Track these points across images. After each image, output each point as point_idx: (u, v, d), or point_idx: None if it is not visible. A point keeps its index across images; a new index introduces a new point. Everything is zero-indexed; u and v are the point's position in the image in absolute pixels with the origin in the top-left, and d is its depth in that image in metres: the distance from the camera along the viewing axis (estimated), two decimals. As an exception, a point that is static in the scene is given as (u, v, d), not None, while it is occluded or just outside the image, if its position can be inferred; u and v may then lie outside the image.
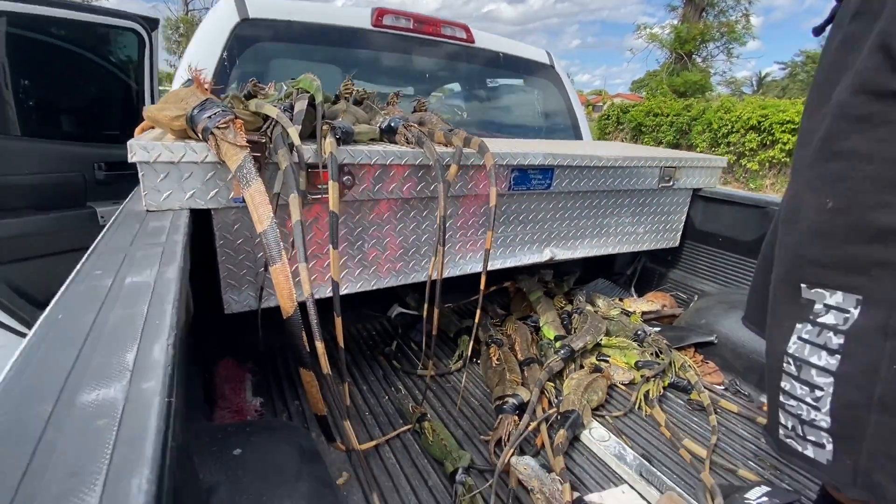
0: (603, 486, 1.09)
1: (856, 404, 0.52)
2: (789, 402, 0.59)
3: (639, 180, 1.63)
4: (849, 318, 0.53)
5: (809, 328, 0.56)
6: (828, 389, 0.54)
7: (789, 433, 0.60)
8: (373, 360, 1.59)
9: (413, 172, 1.16)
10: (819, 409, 0.55)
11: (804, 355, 0.57)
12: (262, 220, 0.78)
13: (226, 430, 0.87)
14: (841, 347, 0.53)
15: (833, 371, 0.54)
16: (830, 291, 0.55)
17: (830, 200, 0.55)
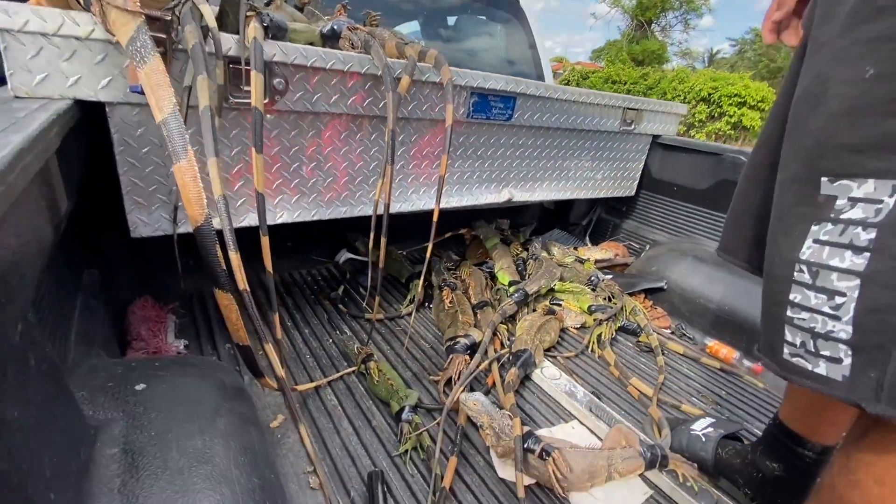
0: (553, 423, 1.07)
1: (887, 307, 0.47)
2: (800, 315, 0.54)
3: (601, 120, 1.56)
4: (881, 209, 0.47)
5: (829, 227, 0.50)
6: (851, 294, 0.49)
7: (797, 350, 0.54)
8: (317, 304, 1.47)
9: (359, 84, 1.02)
10: (839, 317, 0.50)
11: (822, 259, 0.51)
12: (162, 107, 0.62)
13: (129, 365, 0.74)
14: (871, 243, 0.48)
15: (860, 272, 0.48)
16: (859, 181, 0.48)
17: (871, 67, 0.48)
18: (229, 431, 0.65)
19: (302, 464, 0.87)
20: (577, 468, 0.85)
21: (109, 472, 0.53)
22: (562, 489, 0.84)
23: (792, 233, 0.54)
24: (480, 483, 0.88)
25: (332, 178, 1.10)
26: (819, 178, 0.52)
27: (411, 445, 0.92)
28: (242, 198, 0.99)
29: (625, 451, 0.91)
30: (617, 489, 0.89)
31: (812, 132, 0.54)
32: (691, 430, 1.00)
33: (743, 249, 0.79)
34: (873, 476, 0.54)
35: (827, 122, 0.52)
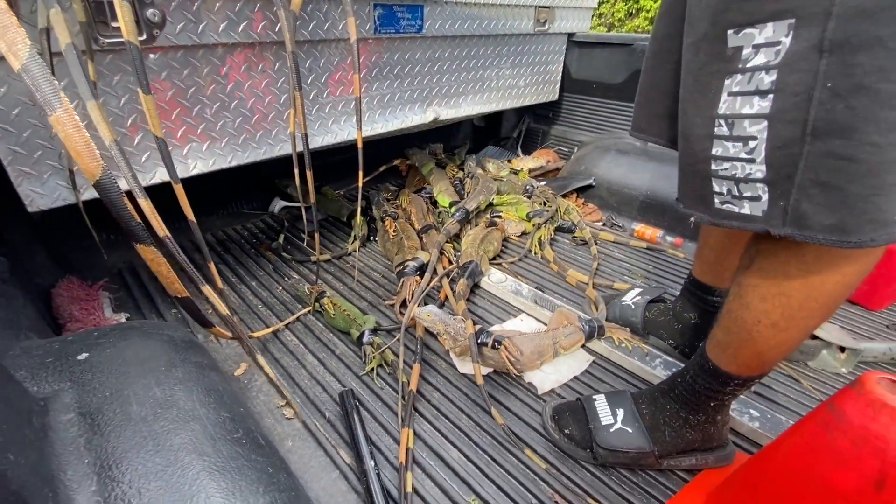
0: (503, 320, 1.16)
1: (790, 140, 0.50)
2: (722, 166, 0.57)
3: (515, 22, 1.53)
4: (780, 49, 0.48)
5: (739, 77, 0.52)
6: (761, 136, 0.52)
7: (725, 198, 0.58)
8: (259, 257, 1.44)
9: (248, 7, 0.93)
10: (754, 159, 0.53)
11: (735, 109, 0.53)
12: (16, 51, 0.55)
13: (65, 340, 0.71)
14: (773, 84, 0.50)
15: (766, 114, 0.51)
16: (760, 27, 0.50)
17: None
18: (187, 378, 0.66)
19: (274, 400, 0.91)
20: (527, 350, 0.94)
21: (71, 434, 0.54)
22: (516, 371, 0.94)
23: (708, 91, 0.56)
24: (444, 381, 0.96)
25: (241, 117, 1.03)
26: (726, 31, 0.53)
27: (376, 363, 0.98)
28: (146, 152, 0.92)
29: (566, 329, 1.01)
30: (564, 361, 1.00)
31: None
32: (622, 301, 1.13)
33: (655, 125, 0.82)
34: (759, 296, 0.65)
35: None
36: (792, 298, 0.61)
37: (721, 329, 0.72)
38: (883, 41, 0.43)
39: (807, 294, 0.60)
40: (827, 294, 0.59)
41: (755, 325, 0.65)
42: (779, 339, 0.65)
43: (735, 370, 0.71)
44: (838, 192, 0.48)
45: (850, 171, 0.47)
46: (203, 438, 0.56)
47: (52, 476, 0.47)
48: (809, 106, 0.48)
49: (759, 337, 0.65)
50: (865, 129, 0.46)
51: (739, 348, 0.69)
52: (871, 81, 0.44)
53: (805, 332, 0.64)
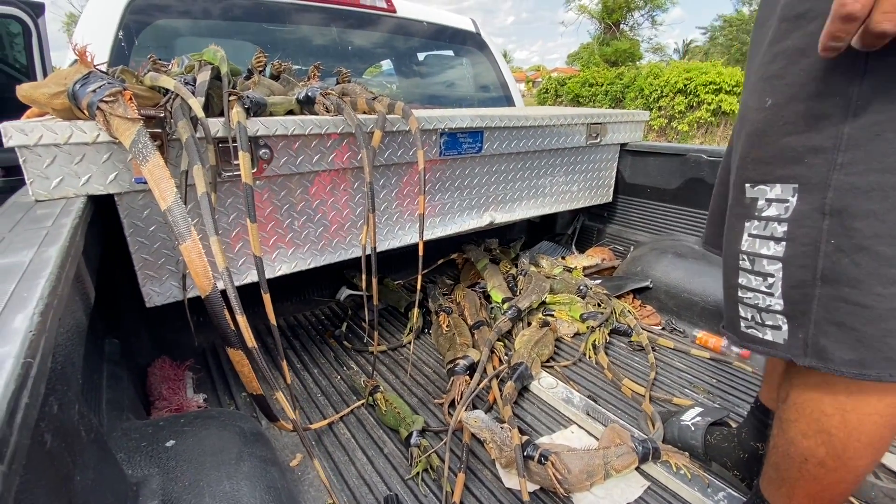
0: (554, 430, 1.14)
1: (803, 282, 0.57)
2: (746, 295, 0.64)
3: (567, 138, 1.66)
4: (789, 207, 0.58)
5: (756, 223, 0.61)
6: (778, 275, 0.59)
7: (749, 323, 0.65)
8: (323, 343, 1.56)
9: (337, 142, 1.13)
10: (773, 294, 0.60)
11: (755, 249, 0.62)
12: (165, 197, 0.72)
13: (157, 424, 0.82)
14: (785, 234, 0.58)
15: (780, 257, 0.59)
16: (770, 185, 0.59)
17: (770, 98, 0.59)
18: (253, 473, 0.73)
19: (323, 496, 0.94)
20: (575, 469, 0.92)
21: (153, 522, 0.61)
22: (563, 490, 0.91)
23: (734, 229, 0.65)
24: (489, 495, 0.95)
25: (322, 227, 1.20)
26: (744, 184, 0.63)
27: (422, 468, 1.00)
28: (243, 257, 1.09)
29: (619, 449, 0.98)
30: (616, 485, 0.96)
31: (739, 148, 0.66)
32: (681, 421, 1.07)
33: None
34: (800, 432, 0.64)
35: (745, 141, 0.64)
36: (833, 437, 0.61)
37: (771, 466, 0.70)
38: (876, 214, 0.51)
39: (847, 433, 0.60)
40: (869, 433, 0.59)
41: (803, 464, 0.65)
42: (831, 480, 0.63)
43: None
44: (853, 332, 0.54)
45: (862, 315, 0.53)
46: (261, 539, 0.61)
47: (135, 564, 0.54)
48: (817, 256, 0.56)
49: (809, 476, 0.64)
50: (870, 281, 0.52)
51: (793, 488, 0.67)
52: (870, 244, 0.52)
53: (857, 474, 0.62)
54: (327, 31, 2.03)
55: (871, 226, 0.51)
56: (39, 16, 1.98)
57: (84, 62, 0.86)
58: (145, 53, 1.54)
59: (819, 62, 0.53)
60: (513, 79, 2.49)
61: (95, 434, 0.56)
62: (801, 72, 0.55)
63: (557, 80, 14.69)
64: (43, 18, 1.99)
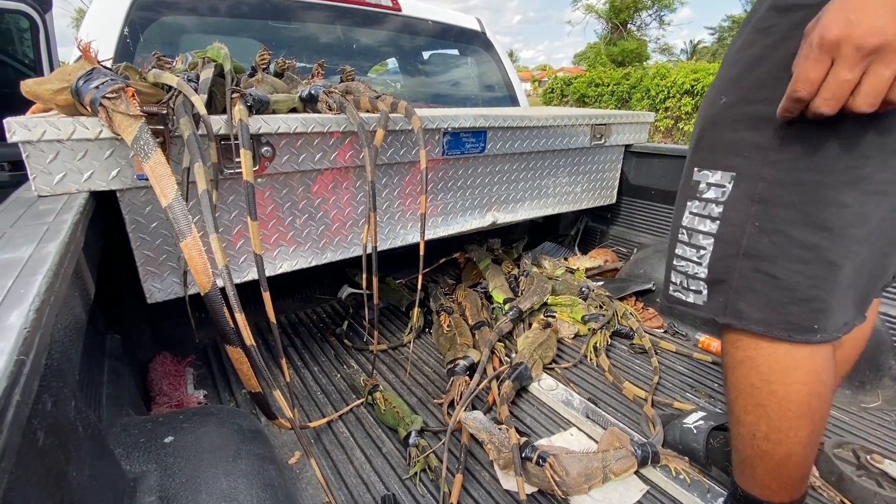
0: (553, 432, 1.13)
1: (727, 256, 0.67)
2: (680, 263, 0.74)
3: (571, 139, 1.66)
4: (725, 192, 0.67)
5: (697, 203, 0.70)
6: (709, 248, 0.69)
7: (677, 287, 0.75)
8: (323, 341, 1.56)
9: (339, 141, 1.12)
10: (700, 263, 0.70)
11: (694, 225, 0.71)
12: (167, 194, 0.72)
13: (156, 420, 0.82)
14: (720, 215, 0.68)
15: (713, 233, 0.69)
16: (713, 171, 0.68)
17: (724, 97, 0.67)
18: (250, 471, 0.73)
19: (321, 495, 0.94)
20: (574, 471, 0.91)
21: (150, 518, 0.61)
22: (561, 493, 0.91)
23: (679, 206, 0.74)
24: (487, 496, 0.95)
25: (324, 226, 1.20)
26: (693, 167, 0.72)
27: (420, 468, 0.99)
28: (244, 255, 1.09)
29: (618, 452, 0.97)
30: (614, 488, 0.95)
31: (693, 135, 0.74)
32: (683, 424, 1.07)
33: None
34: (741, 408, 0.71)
35: (698, 129, 0.72)
36: (768, 409, 0.67)
37: (735, 451, 0.75)
38: (794, 204, 0.61)
39: (778, 403, 0.66)
40: (798, 402, 0.65)
41: (752, 440, 0.70)
42: (781, 453, 0.67)
43: (760, 494, 0.72)
44: (765, 296, 0.65)
45: (773, 284, 0.64)
46: (256, 538, 0.61)
47: (130, 560, 0.54)
48: (743, 235, 0.65)
49: (760, 453, 0.69)
50: (782, 258, 0.63)
51: (753, 467, 0.71)
52: (786, 228, 0.62)
53: (804, 444, 0.67)
54: (332, 28, 2.03)
55: (788, 214, 0.61)
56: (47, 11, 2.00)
57: (88, 58, 0.86)
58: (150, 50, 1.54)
59: (770, 74, 0.61)
60: (518, 78, 2.48)
61: (93, 430, 0.56)
62: (755, 79, 0.63)
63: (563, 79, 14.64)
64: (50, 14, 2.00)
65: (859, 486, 0.92)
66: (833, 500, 0.94)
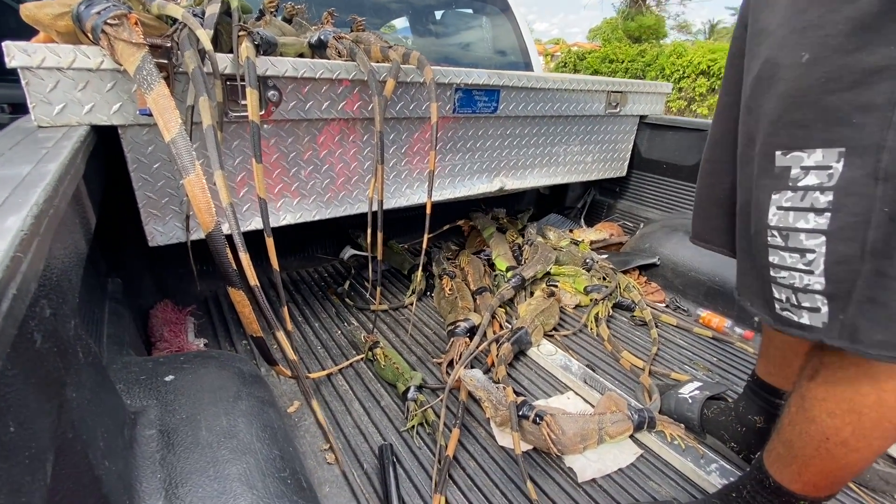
0: (550, 395, 1.14)
1: (849, 258, 0.52)
2: (780, 274, 0.59)
3: (586, 105, 1.61)
4: (833, 174, 0.52)
5: (790, 195, 0.56)
6: (819, 250, 0.54)
7: (784, 305, 0.60)
8: (325, 299, 1.56)
9: (348, 90, 1.09)
10: (812, 272, 0.55)
11: (789, 223, 0.57)
12: (170, 128, 0.70)
13: (157, 360, 0.82)
14: (830, 204, 0.53)
15: (824, 230, 0.54)
16: (809, 151, 0.54)
17: (806, 52, 0.53)
18: (250, 411, 0.73)
19: (318, 442, 0.96)
20: (570, 431, 0.92)
21: (150, 449, 0.62)
22: (557, 451, 0.92)
23: (759, 203, 0.60)
24: (482, 451, 0.96)
25: (329, 179, 1.17)
26: (774, 151, 0.58)
27: (417, 421, 1.00)
28: (247, 203, 1.07)
29: (614, 416, 0.98)
30: (609, 450, 0.96)
31: (765, 114, 0.59)
32: (679, 394, 1.07)
33: (718, 237, 0.85)
34: (826, 410, 0.62)
35: (777, 103, 0.57)
36: (864, 417, 0.59)
37: (782, 443, 0.68)
38: None
39: (881, 413, 0.58)
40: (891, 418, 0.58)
41: (823, 442, 0.63)
42: (849, 459, 0.62)
43: (800, 489, 0.66)
44: (886, 309, 0.51)
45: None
46: (255, 472, 0.61)
47: (130, 486, 0.55)
48: (868, 227, 0.50)
49: (826, 455, 0.63)
50: None
51: (805, 465, 0.65)
52: None
53: (876, 454, 0.62)
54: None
55: None
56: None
57: (89, -16, 0.82)
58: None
59: (869, 6, 0.48)
60: (534, 44, 2.40)
61: (94, 358, 0.56)
62: (845, 19, 0.49)
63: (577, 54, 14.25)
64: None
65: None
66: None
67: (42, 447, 0.28)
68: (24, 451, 0.25)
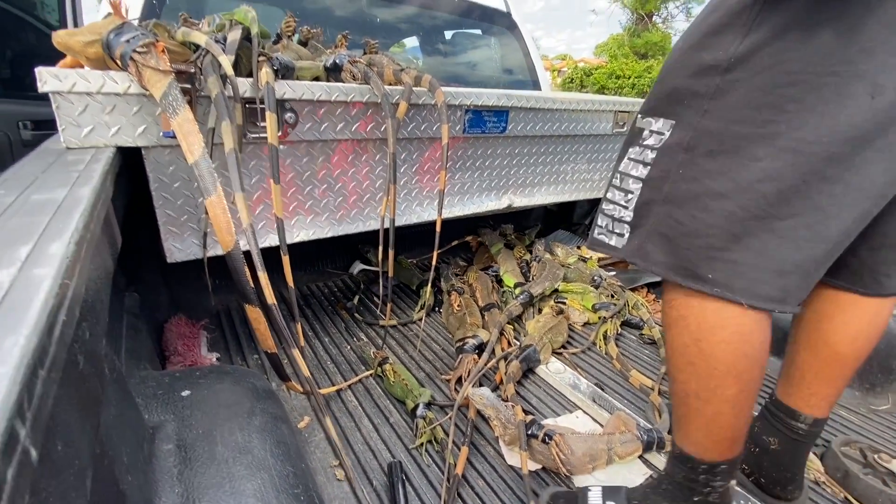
0: (559, 413, 1.14)
1: (651, 200, 0.67)
2: (608, 206, 0.74)
3: (593, 125, 1.63)
4: (662, 138, 0.67)
5: (637, 149, 0.70)
6: (636, 192, 0.69)
7: (602, 230, 0.75)
8: (334, 314, 1.58)
9: (362, 112, 1.12)
10: (627, 207, 0.70)
11: (628, 170, 0.71)
12: (193, 151, 0.73)
13: (173, 375, 0.84)
14: (652, 161, 0.68)
15: (643, 178, 0.68)
16: (656, 118, 0.68)
17: (682, 42, 0.67)
18: (264, 427, 0.74)
19: (328, 459, 0.96)
20: (579, 451, 0.92)
21: (168, 464, 0.63)
22: (566, 471, 0.92)
23: (621, 153, 0.74)
24: (491, 470, 0.96)
25: (342, 197, 1.20)
26: (639, 115, 0.72)
27: (426, 439, 1.01)
28: (263, 221, 1.10)
29: (623, 436, 0.98)
30: (618, 471, 0.96)
31: None
32: None
33: None
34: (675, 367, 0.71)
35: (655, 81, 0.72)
36: (697, 367, 0.67)
37: (673, 411, 0.75)
38: (712, 153, 0.61)
39: (706, 361, 0.66)
40: (724, 361, 0.65)
41: (686, 398, 0.70)
42: (710, 412, 0.68)
43: (695, 451, 0.72)
44: (669, 241, 0.65)
45: (678, 229, 0.64)
46: (269, 489, 0.62)
47: (150, 500, 0.56)
48: (666, 181, 0.65)
49: (693, 411, 0.70)
50: (690, 205, 0.63)
51: (687, 425, 0.72)
52: (701, 176, 0.62)
53: (731, 404, 0.67)
54: (356, 2, 2.01)
55: (706, 162, 0.61)
56: (73, -29, 1.99)
57: (118, 14, 0.86)
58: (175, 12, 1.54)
59: (719, 19, 0.60)
60: (541, 63, 2.44)
61: (118, 374, 0.58)
62: (707, 24, 0.62)
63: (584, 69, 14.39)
64: (77, -26, 1.99)
65: (865, 484, 0.92)
66: (837, 496, 0.94)
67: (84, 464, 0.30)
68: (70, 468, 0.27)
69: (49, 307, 0.26)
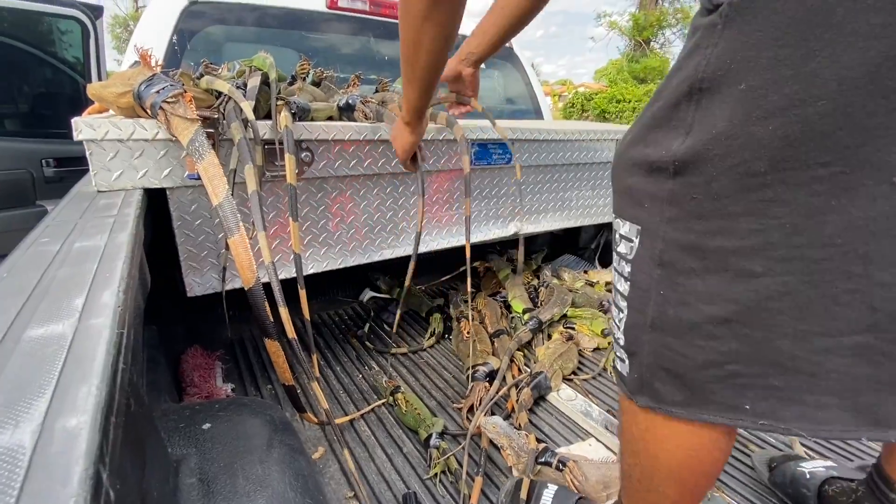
0: (572, 441, 1.14)
1: (636, 325, 0.57)
2: (611, 324, 0.67)
3: (596, 153, 1.68)
4: (633, 247, 0.55)
5: (616, 256, 0.60)
6: (624, 312, 0.58)
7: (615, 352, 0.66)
8: (345, 342, 1.60)
9: (373, 148, 1.17)
10: (619, 328, 0.60)
11: (615, 283, 0.61)
12: (218, 193, 0.77)
13: (193, 408, 0.86)
14: (629, 275, 0.56)
15: (626, 296, 0.57)
16: (622, 221, 0.57)
17: (629, 134, 0.58)
18: (282, 460, 0.76)
19: (343, 490, 0.97)
20: (593, 478, 0.92)
21: (192, 498, 0.65)
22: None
23: None
24: (505, 500, 0.96)
25: (353, 229, 1.24)
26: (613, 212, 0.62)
27: (440, 469, 1.01)
28: (279, 254, 1.13)
29: (637, 464, 0.98)
30: (633, 500, 0.95)
31: None
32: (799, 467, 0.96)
33: None
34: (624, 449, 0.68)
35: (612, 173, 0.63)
36: (641, 460, 0.63)
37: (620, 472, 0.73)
38: (695, 272, 0.49)
39: (650, 460, 0.62)
40: (668, 466, 0.60)
41: (629, 480, 0.68)
42: (653, 499, 0.64)
43: None
44: (680, 377, 0.54)
45: (684, 363, 0.53)
46: (290, 522, 0.64)
47: (176, 535, 0.58)
48: (649, 303, 0.54)
49: (633, 492, 0.67)
50: (690, 335, 0.51)
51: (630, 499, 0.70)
52: (691, 300, 0.50)
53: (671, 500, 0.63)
54: (364, 40, 2.10)
55: (692, 283, 0.50)
56: (98, 18, 2.11)
57: (146, 64, 0.93)
58: (195, 57, 1.63)
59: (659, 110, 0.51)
60: (542, 91, 2.52)
61: (146, 410, 0.60)
62: (650, 115, 0.53)
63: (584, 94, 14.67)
64: (101, 21, 2.12)
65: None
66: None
67: (133, 501, 0.32)
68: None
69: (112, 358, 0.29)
